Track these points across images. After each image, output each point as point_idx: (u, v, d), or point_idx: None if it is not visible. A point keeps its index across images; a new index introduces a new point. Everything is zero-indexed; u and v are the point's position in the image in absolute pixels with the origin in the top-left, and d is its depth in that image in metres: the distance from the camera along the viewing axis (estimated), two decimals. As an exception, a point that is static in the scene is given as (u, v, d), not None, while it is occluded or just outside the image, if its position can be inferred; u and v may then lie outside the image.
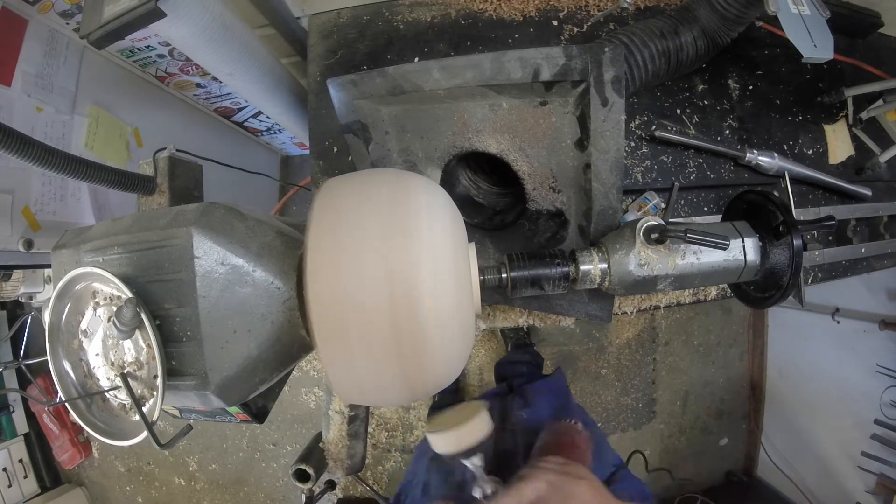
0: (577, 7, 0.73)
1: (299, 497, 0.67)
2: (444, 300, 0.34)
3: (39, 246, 0.82)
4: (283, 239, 0.39)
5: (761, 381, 1.90)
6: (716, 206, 0.70)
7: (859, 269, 0.75)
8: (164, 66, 1.11)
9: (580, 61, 0.44)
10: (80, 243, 0.39)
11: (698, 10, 0.62)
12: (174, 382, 0.35)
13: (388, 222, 0.34)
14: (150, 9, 0.59)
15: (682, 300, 0.70)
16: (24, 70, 0.83)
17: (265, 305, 0.37)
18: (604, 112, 0.45)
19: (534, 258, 0.42)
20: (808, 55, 0.52)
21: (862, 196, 0.73)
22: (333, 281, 0.33)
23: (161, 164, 0.67)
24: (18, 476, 1.88)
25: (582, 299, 0.55)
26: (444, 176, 0.60)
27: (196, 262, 0.34)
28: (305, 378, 1.88)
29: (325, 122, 0.75)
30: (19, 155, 0.49)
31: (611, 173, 0.47)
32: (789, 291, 0.43)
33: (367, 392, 0.37)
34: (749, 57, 0.74)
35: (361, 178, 0.38)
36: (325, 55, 0.77)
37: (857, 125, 0.76)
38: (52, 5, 0.85)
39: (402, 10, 0.76)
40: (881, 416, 1.39)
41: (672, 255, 0.42)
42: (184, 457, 2.01)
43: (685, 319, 1.90)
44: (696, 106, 0.70)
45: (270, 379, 0.40)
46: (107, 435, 0.38)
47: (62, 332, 0.39)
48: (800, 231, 0.42)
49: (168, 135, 1.19)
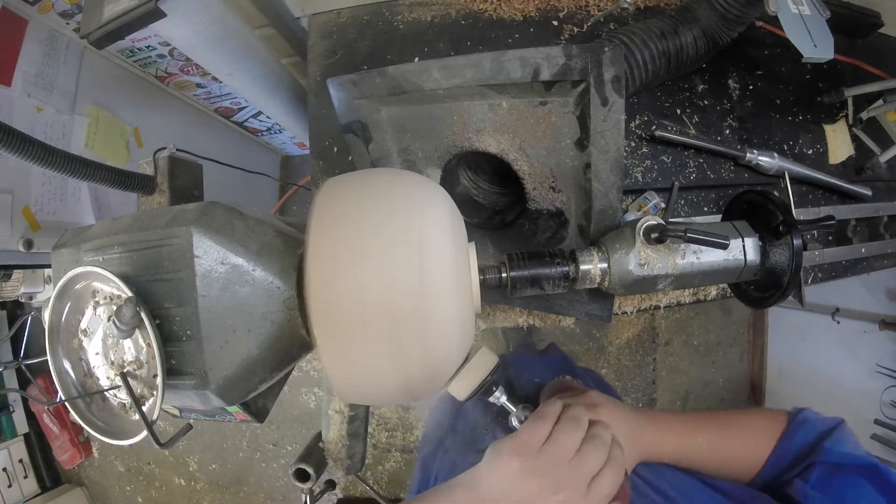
0: (577, 7, 0.73)
1: (299, 497, 0.67)
2: (443, 300, 0.34)
3: (39, 246, 0.82)
4: (283, 238, 0.39)
5: (761, 381, 1.90)
6: (716, 206, 0.70)
7: (859, 269, 0.75)
8: (164, 66, 1.11)
9: (580, 61, 0.44)
10: (79, 243, 0.39)
11: (698, 11, 0.62)
12: (174, 382, 0.35)
13: (388, 222, 0.34)
14: (150, 9, 0.59)
15: (682, 300, 0.70)
16: (24, 70, 0.83)
17: (265, 305, 0.37)
18: (604, 112, 0.45)
19: (534, 258, 0.42)
20: (808, 55, 0.52)
21: (862, 196, 0.73)
22: (333, 280, 0.33)
23: (161, 164, 0.67)
24: (18, 476, 1.89)
25: (582, 299, 0.55)
26: (444, 175, 0.60)
27: (196, 261, 0.34)
28: (305, 378, 1.88)
29: (325, 122, 0.75)
30: (19, 154, 0.49)
31: (611, 173, 0.47)
32: (789, 291, 0.43)
33: (367, 392, 0.37)
34: (749, 57, 0.74)
35: (361, 177, 0.38)
36: (325, 55, 0.77)
37: (857, 125, 0.76)
38: (52, 5, 0.85)
39: (402, 10, 0.76)
40: (881, 416, 1.39)
41: (672, 255, 0.42)
42: (184, 457, 2.01)
43: (685, 319, 1.90)
44: (696, 106, 0.70)
45: (270, 378, 0.40)
46: (107, 434, 0.38)
47: (62, 331, 0.39)
48: (800, 231, 0.42)
49: (168, 135, 1.19)
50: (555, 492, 0.38)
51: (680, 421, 0.51)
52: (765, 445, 0.47)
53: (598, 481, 0.39)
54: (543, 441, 0.40)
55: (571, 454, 0.39)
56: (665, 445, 0.49)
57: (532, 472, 0.39)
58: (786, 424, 0.48)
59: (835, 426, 0.46)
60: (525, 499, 0.38)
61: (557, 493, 0.38)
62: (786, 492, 0.43)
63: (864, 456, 0.43)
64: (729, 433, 0.50)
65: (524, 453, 0.39)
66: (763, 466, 0.47)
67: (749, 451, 0.48)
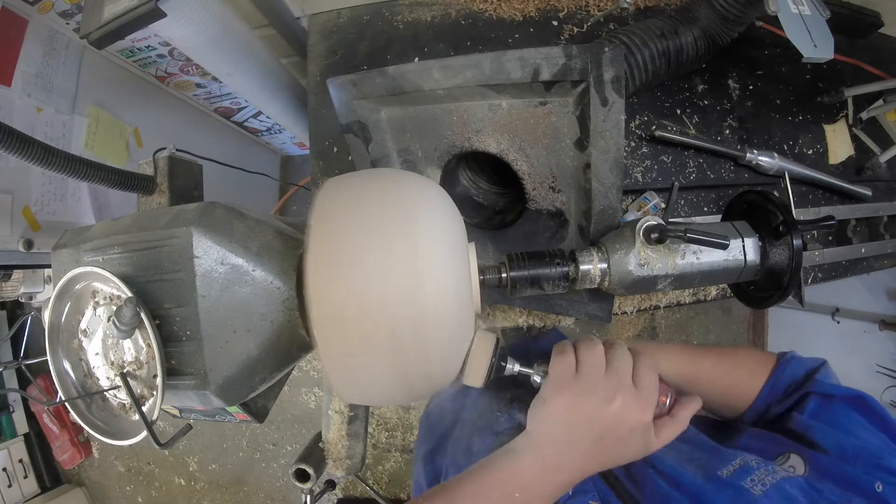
0: (577, 7, 0.73)
1: (299, 497, 0.67)
2: (443, 300, 0.34)
3: (39, 246, 0.82)
4: (282, 239, 0.40)
5: (761, 381, 1.90)
6: (716, 206, 0.70)
7: (859, 269, 0.75)
8: (164, 66, 1.11)
9: (580, 61, 0.44)
10: (79, 243, 0.39)
11: (698, 11, 0.62)
12: (174, 382, 0.35)
13: (388, 222, 0.34)
14: (150, 9, 0.59)
15: (682, 300, 0.70)
16: (24, 70, 0.83)
17: (265, 305, 0.37)
18: (604, 112, 0.45)
19: (534, 258, 0.42)
20: (808, 55, 0.52)
21: (862, 196, 0.73)
22: (333, 281, 0.33)
23: (161, 164, 0.67)
24: (18, 476, 1.89)
25: (582, 299, 0.55)
26: (443, 176, 0.60)
27: (196, 261, 0.34)
28: (305, 378, 1.88)
29: (325, 122, 0.75)
30: (19, 154, 0.49)
31: (611, 173, 0.47)
32: (789, 291, 0.43)
33: (367, 392, 0.37)
34: (749, 57, 0.74)
35: (361, 177, 0.38)
36: (325, 55, 0.77)
37: (857, 125, 0.76)
38: (52, 5, 0.85)
39: (402, 10, 0.76)
40: (881, 416, 1.39)
41: (672, 255, 0.42)
42: (184, 457, 2.01)
43: (685, 319, 1.90)
44: (696, 106, 0.70)
45: (270, 378, 0.40)
46: (107, 434, 0.38)
47: (62, 331, 0.39)
48: (800, 231, 0.42)
49: (168, 135, 1.19)
50: (609, 401, 0.39)
51: (682, 347, 0.55)
52: (759, 375, 0.51)
53: (638, 376, 0.40)
54: (574, 369, 0.41)
55: (604, 366, 0.41)
56: (670, 369, 0.52)
57: (582, 395, 0.39)
58: (776, 361, 0.52)
59: (821, 363, 0.51)
60: (590, 422, 0.39)
61: (612, 402, 0.39)
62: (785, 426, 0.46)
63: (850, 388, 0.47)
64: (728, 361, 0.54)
65: (566, 385, 0.40)
66: (758, 395, 0.51)
67: (746, 379, 0.52)
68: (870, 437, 0.42)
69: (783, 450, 0.43)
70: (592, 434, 0.39)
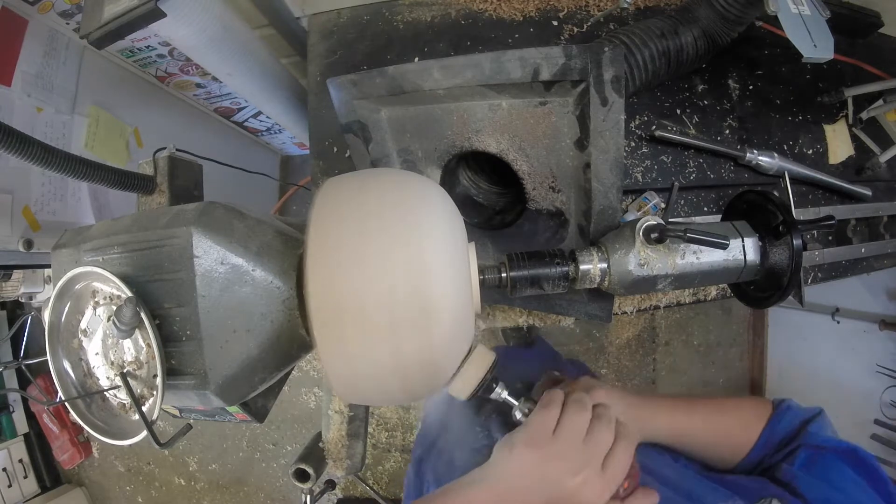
0: (577, 7, 0.73)
1: (299, 497, 0.67)
2: (443, 300, 0.34)
3: (39, 246, 0.82)
4: (282, 238, 0.39)
5: (761, 381, 1.90)
6: (716, 206, 0.70)
7: (859, 269, 0.75)
8: (164, 66, 1.11)
9: (580, 61, 0.44)
10: (79, 243, 0.39)
11: (698, 11, 0.62)
12: (174, 382, 0.35)
13: (388, 222, 0.34)
14: (150, 9, 0.59)
15: (682, 300, 0.70)
16: (24, 70, 0.83)
17: (265, 305, 0.37)
18: (604, 112, 0.45)
19: (533, 258, 0.42)
20: (808, 55, 0.52)
21: (862, 196, 0.73)
22: (333, 280, 0.33)
23: (161, 164, 0.67)
24: (18, 476, 1.89)
25: (582, 299, 0.55)
26: (443, 176, 0.60)
27: (196, 261, 0.34)
28: (305, 378, 1.88)
29: (325, 122, 0.75)
30: (19, 154, 0.49)
31: (611, 173, 0.47)
32: (789, 291, 0.43)
33: (367, 392, 0.37)
34: (749, 57, 0.74)
35: (361, 177, 0.38)
36: (325, 55, 0.77)
37: (857, 125, 0.76)
38: (52, 5, 0.85)
39: (402, 10, 0.76)
40: (881, 416, 1.39)
41: (672, 255, 0.42)
42: (184, 457, 2.01)
43: (685, 319, 1.90)
44: (696, 106, 0.70)
45: (270, 378, 0.40)
46: (106, 434, 0.38)
47: (62, 331, 0.39)
48: (800, 231, 0.42)
49: (168, 135, 1.19)
50: (574, 473, 0.39)
51: (674, 401, 0.54)
52: (754, 428, 0.50)
53: (612, 458, 0.40)
54: (554, 428, 0.41)
55: (583, 435, 0.40)
56: (662, 423, 0.51)
57: (550, 458, 0.40)
58: (772, 410, 0.51)
59: (816, 413, 0.50)
60: (548, 485, 0.39)
61: (577, 475, 0.39)
62: (774, 476, 0.46)
63: (843, 441, 0.46)
64: (721, 413, 0.53)
65: (539, 441, 0.40)
66: (753, 447, 0.50)
67: (740, 432, 0.51)
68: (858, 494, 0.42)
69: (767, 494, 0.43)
70: (544, 495, 0.39)
